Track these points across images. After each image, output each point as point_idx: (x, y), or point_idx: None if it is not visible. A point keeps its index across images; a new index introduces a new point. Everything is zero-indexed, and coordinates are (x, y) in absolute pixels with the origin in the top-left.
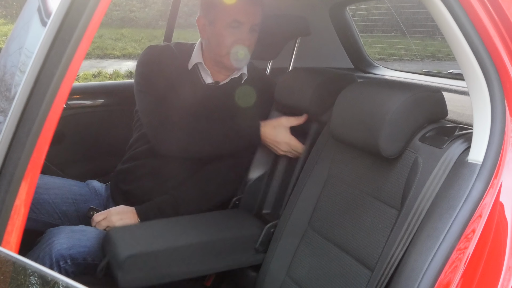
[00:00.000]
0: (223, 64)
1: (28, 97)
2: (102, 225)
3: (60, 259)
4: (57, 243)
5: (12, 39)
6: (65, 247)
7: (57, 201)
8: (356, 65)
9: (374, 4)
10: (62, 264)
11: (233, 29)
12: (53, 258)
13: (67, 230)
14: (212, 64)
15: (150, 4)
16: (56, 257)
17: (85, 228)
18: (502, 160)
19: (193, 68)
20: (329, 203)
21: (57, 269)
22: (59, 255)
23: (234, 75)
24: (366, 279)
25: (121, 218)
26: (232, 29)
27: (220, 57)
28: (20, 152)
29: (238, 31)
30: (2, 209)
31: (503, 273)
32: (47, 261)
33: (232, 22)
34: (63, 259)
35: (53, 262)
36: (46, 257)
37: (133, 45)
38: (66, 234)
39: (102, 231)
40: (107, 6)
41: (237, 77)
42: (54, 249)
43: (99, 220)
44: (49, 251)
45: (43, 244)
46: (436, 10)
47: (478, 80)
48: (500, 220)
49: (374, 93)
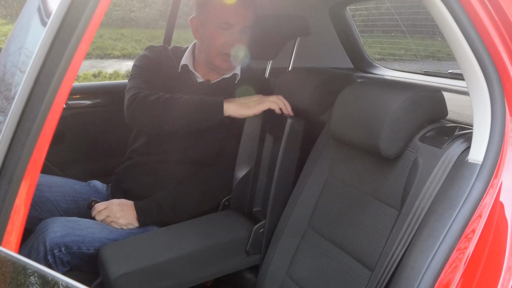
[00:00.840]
0: (214, 65)
1: (28, 97)
2: (103, 214)
3: (54, 247)
4: (51, 231)
5: (12, 39)
6: (59, 235)
7: (58, 199)
8: (356, 65)
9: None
10: (57, 252)
11: (224, 30)
12: (47, 246)
13: (61, 220)
14: (203, 64)
15: (150, 4)
16: (50, 245)
17: (79, 219)
18: (502, 160)
19: (183, 70)
20: (329, 203)
21: (51, 258)
22: (53, 243)
23: (226, 75)
24: (366, 279)
25: (122, 209)
26: (223, 30)
27: (210, 58)
28: (20, 152)
29: (228, 32)
30: (2, 208)
31: (503, 273)
32: (41, 250)
33: (222, 23)
34: (57, 247)
35: (47, 250)
36: (40, 246)
37: (133, 45)
38: (60, 223)
39: (96, 222)
40: (107, 6)
41: (229, 77)
42: (48, 237)
43: (100, 209)
44: (43, 239)
45: (37, 233)
46: (436, 10)
47: (478, 80)
48: (500, 220)
49: (374, 93)
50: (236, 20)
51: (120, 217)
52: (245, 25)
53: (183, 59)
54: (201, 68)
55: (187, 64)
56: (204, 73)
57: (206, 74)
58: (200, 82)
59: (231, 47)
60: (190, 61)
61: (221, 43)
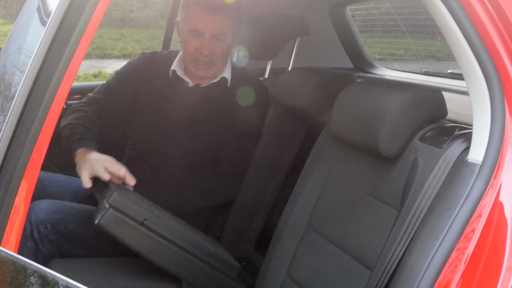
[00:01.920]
0: (190, 70)
1: (28, 96)
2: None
3: (39, 224)
4: (37, 209)
5: (12, 39)
6: (45, 212)
7: (61, 193)
8: (356, 65)
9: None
10: (42, 229)
11: (194, 37)
12: (33, 222)
13: (48, 201)
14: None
15: (150, 4)
16: (36, 221)
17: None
18: (502, 160)
19: (174, 75)
20: (329, 203)
21: (37, 235)
22: (38, 219)
23: (214, 80)
24: (366, 278)
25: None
26: (193, 37)
27: (186, 63)
28: (20, 151)
29: (198, 40)
30: (2, 208)
31: (503, 273)
32: (28, 226)
33: (192, 30)
34: (43, 224)
35: (33, 227)
36: (26, 222)
37: (133, 45)
38: (47, 203)
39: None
40: (106, 6)
41: (217, 81)
42: (34, 214)
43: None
44: (28, 216)
45: None
46: (436, 10)
47: (478, 80)
48: (500, 220)
49: (374, 93)
50: (205, 28)
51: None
52: (216, 33)
53: (173, 64)
54: (189, 72)
55: (175, 69)
56: (193, 77)
57: (195, 79)
58: (191, 86)
59: (199, 54)
60: (180, 66)
61: (193, 50)
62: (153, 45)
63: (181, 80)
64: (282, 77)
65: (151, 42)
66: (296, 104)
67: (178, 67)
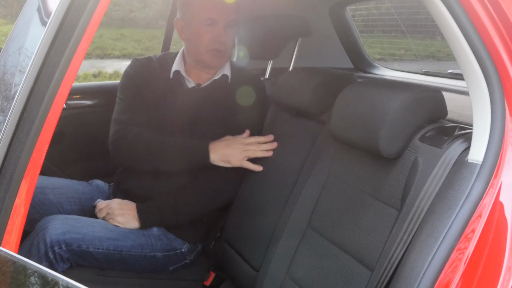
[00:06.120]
0: (204, 63)
1: (28, 97)
2: (103, 212)
3: (54, 244)
4: (51, 228)
5: (12, 39)
6: (60, 232)
7: (62, 201)
8: (356, 65)
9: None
10: (57, 249)
11: (208, 26)
12: (48, 243)
13: (61, 217)
14: (194, 65)
15: (150, 4)
16: (51, 242)
17: (79, 217)
18: (502, 160)
19: (175, 76)
20: (329, 203)
21: (52, 255)
22: (53, 240)
23: (216, 77)
24: (366, 279)
25: (121, 207)
26: (207, 26)
27: (200, 56)
28: (20, 152)
29: (213, 28)
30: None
31: (503, 273)
32: (42, 247)
33: (206, 20)
34: (58, 244)
35: (48, 247)
36: (41, 243)
37: (133, 45)
38: (60, 221)
39: (97, 221)
40: (107, 6)
41: (219, 78)
42: (48, 234)
43: (101, 208)
44: (43, 236)
45: (38, 230)
46: (436, 10)
47: (478, 80)
48: (500, 220)
49: (374, 93)
50: (219, 15)
51: (118, 215)
52: (229, 19)
53: (174, 65)
54: (192, 71)
55: (178, 69)
56: (196, 75)
57: (198, 77)
58: (191, 88)
59: (217, 43)
60: (181, 66)
61: (208, 40)
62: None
63: (181, 80)
64: (282, 77)
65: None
66: (296, 104)
67: (180, 67)
